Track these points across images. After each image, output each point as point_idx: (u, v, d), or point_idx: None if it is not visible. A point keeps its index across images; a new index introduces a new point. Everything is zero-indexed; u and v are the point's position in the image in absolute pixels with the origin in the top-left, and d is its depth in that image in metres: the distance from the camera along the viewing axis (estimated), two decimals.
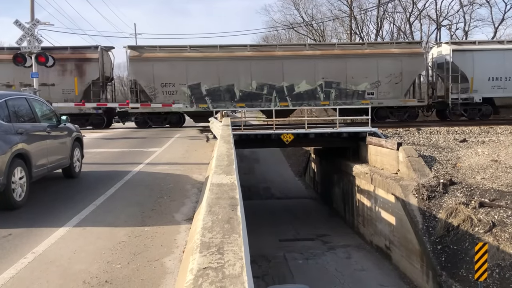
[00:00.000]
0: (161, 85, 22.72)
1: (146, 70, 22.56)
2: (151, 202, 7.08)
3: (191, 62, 22.90)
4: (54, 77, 21.89)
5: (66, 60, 22.26)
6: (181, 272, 3.97)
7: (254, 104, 23.32)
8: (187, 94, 22.86)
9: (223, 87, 23.05)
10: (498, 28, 41.07)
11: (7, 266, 4.39)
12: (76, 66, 22.68)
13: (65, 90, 22.50)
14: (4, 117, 6.61)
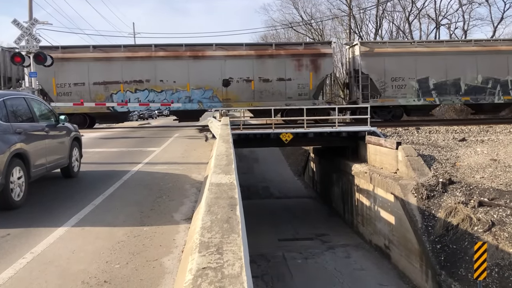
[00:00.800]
0: (391, 79, 23.43)
1: (377, 64, 23.29)
2: (150, 202, 7.07)
3: (420, 57, 23.54)
4: (291, 71, 23.00)
5: (301, 55, 23.24)
6: (180, 272, 3.96)
7: (478, 97, 23.84)
8: (415, 88, 23.49)
9: (449, 81, 23.62)
10: (497, 27, 41.12)
11: (6, 266, 4.37)
12: (311, 61, 23.38)
13: (300, 84, 23.27)
14: (3, 116, 6.59)
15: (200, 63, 22.75)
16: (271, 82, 23.06)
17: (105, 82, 22.38)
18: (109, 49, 23.27)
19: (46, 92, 21.98)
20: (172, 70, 22.54)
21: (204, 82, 22.77)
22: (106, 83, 22.41)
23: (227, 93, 23.03)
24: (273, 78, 23.04)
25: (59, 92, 22.13)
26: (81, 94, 22.13)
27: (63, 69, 21.76)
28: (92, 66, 22.29)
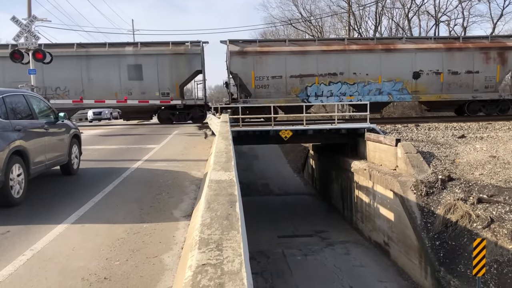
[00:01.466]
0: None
1: None
2: (149, 199, 7.07)
3: None
4: (479, 64, 23.71)
5: (488, 48, 23.87)
6: (180, 269, 3.97)
7: None
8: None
9: None
10: (496, 24, 41.06)
11: (6, 263, 4.38)
12: (498, 54, 23.87)
13: (487, 77, 23.87)
14: (2, 114, 6.59)
15: (391, 55, 23.57)
16: (459, 74, 23.76)
17: (301, 75, 23.34)
18: (304, 43, 24.62)
19: (245, 84, 22.94)
20: (365, 63, 23.39)
21: (395, 74, 23.63)
22: (301, 76, 23.37)
23: (417, 85, 23.81)
24: (461, 71, 23.73)
25: (257, 85, 23.08)
26: (277, 86, 23.15)
27: (261, 62, 22.85)
28: (289, 59, 23.18)
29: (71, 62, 22.92)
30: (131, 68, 23.32)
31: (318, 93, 23.52)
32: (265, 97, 23.13)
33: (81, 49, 23.49)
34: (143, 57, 23.45)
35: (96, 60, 23.20)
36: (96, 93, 23.09)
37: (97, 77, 23.15)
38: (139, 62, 23.39)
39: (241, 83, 23.03)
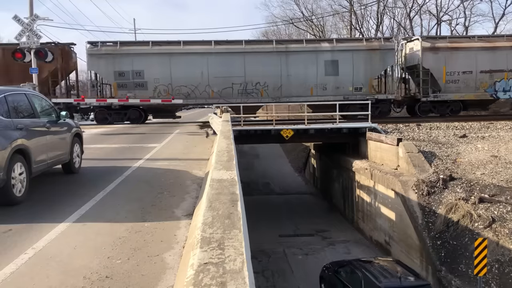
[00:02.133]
0: None
1: None
2: (151, 198, 7.07)
3: None
4: None
5: None
6: (182, 268, 3.97)
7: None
8: None
9: None
10: (498, 24, 40.99)
11: (8, 261, 4.38)
12: None
13: None
14: (4, 112, 6.59)
15: None
16: None
17: (490, 70, 23.99)
18: (493, 39, 25.34)
19: (436, 79, 23.63)
20: None
21: None
22: (491, 72, 23.99)
23: None
24: None
25: (447, 79, 23.92)
26: (467, 81, 23.98)
27: (452, 58, 23.69)
28: (479, 55, 24.00)
29: (271, 58, 23.50)
30: (328, 64, 23.78)
31: (506, 88, 24.08)
32: (455, 92, 23.91)
33: (280, 45, 24.14)
34: (339, 53, 23.92)
35: (295, 56, 23.68)
36: (293, 89, 23.67)
37: (295, 72, 23.56)
38: (336, 58, 23.85)
39: (432, 78, 23.77)
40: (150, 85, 23.20)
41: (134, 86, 23.16)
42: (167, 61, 23.16)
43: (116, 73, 23.14)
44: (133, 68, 23.10)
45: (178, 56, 23.22)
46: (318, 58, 23.64)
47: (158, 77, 23.22)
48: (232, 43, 24.08)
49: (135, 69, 23.11)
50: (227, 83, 23.40)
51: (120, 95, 22.99)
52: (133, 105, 23.10)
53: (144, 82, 23.18)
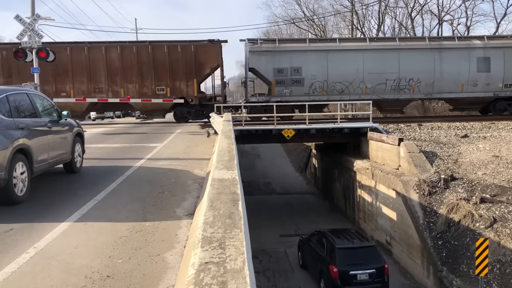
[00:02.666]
0: None
1: None
2: (152, 197, 7.08)
3: None
4: None
5: None
6: (183, 267, 3.98)
7: None
8: None
9: None
10: (500, 23, 40.89)
11: (9, 260, 4.39)
12: None
13: None
14: (5, 112, 6.60)
15: None
16: None
17: None
18: None
19: None
20: None
21: None
22: None
23: None
24: None
25: None
26: None
27: None
28: None
29: (424, 54, 23.87)
30: (480, 61, 24.02)
31: None
32: None
33: (433, 42, 24.46)
34: (491, 50, 24.19)
35: (448, 53, 24.03)
36: (445, 85, 23.98)
37: (448, 69, 23.87)
38: (487, 55, 24.10)
39: None
40: (306, 82, 23.69)
41: (291, 83, 23.66)
42: (324, 58, 23.62)
43: (275, 70, 23.56)
44: (291, 65, 23.60)
45: (334, 53, 23.71)
46: (470, 55, 24.01)
47: (315, 74, 23.65)
48: (386, 40, 25.16)
49: (293, 66, 23.59)
50: (381, 79, 23.81)
51: (278, 92, 23.54)
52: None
53: (301, 78, 23.65)
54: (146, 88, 23.42)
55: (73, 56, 23.09)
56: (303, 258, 15.18)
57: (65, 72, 23.06)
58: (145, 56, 23.38)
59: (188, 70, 23.53)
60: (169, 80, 23.47)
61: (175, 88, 23.57)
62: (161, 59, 23.38)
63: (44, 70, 20.36)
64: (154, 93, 23.43)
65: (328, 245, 13.18)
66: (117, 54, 23.30)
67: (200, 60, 23.71)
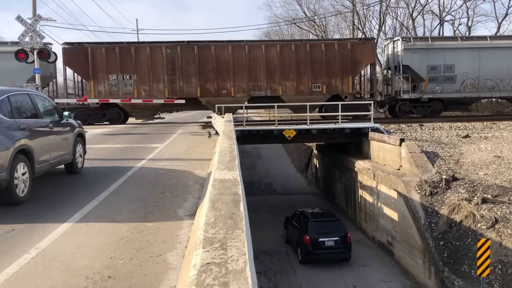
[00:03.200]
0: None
1: None
2: (153, 198, 7.08)
3: None
4: None
5: None
6: (184, 268, 3.97)
7: None
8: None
9: None
10: (501, 24, 40.85)
11: (11, 261, 4.39)
12: None
13: None
14: (7, 112, 6.60)
15: None
16: None
17: None
18: None
19: None
20: None
21: None
22: None
23: None
24: None
25: None
26: None
27: None
28: None
29: None
30: None
31: None
32: None
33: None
34: None
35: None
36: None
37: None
38: None
39: None
40: (458, 79, 24.11)
41: (444, 80, 24.11)
42: (477, 56, 24.06)
43: (428, 67, 24.02)
44: (444, 62, 24.04)
45: (487, 50, 24.15)
46: None
47: (467, 71, 24.03)
48: None
49: (447, 64, 24.05)
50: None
51: (430, 89, 24.05)
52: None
53: (453, 75, 24.10)
54: (302, 86, 23.79)
55: (234, 55, 23.49)
56: (287, 234, 18.06)
57: (226, 71, 23.46)
58: (303, 54, 23.72)
59: (344, 68, 23.84)
60: (325, 78, 23.81)
61: (330, 85, 23.93)
62: (318, 57, 23.72)
63: (206, 69, 22.69)
64: (310, 90, 23.77)
65: (303, 220, 16.14)
66: (276, 52, 23.68)
67: (355, 57, 23.99)
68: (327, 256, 15.28)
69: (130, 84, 23.10)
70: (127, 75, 23.08)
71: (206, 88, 23.31)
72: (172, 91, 23.13)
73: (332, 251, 15.24)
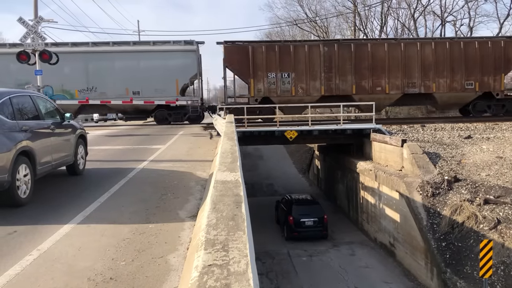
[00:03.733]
0: None
1: None
2: (155, 199, 7.08)
3: None
4: None
5: None
6: (186, 269, 3.97)
7: None
8: None
9: None
10: (503, 24, 40.79)
11: (13, 263, 4.40)
12: None
13: None
14: (9, 114, 6.61)
15: None
16: None
17: None
18: None
19: None
20: None
21: None
22: None
23: None
24: None
25: None
26: None
27: None
28: None
29: None
30: None
31: None
32: None
33: None
34: None
35: None
36: None
37: None
38: None
39: None
40: None
41: None
42: None
43: None
44: None
45: None
46: None
47: None
48: None
49: None
50: None
51: None
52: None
53: None
54: (456, 83, 23.97)
55: (390, 52, 23.67)
56: (277, 215, 21.19)
57: (381, 68, 23.63)
58: (457, 52, 23.90)
59: (497, 65, 24.02)
60: (478, 75, 23.97)
61: (483, 82, 24.08)
62: (472, 55, 23.87)
63: (362, 66, 23.09)
64: (463, 87, 23.99)
65: (289, 203, 19.30)
66: (431, 50, 23.87)
67: (508, 55, 24.17)
68: (307, 234, 18.35)
69: (288, 82, 23.36)
70: (286, 73, 23.32)
71: (361, 85, 23.51)
72: (328, 89, 23.39)
73: (311, 229, 18.38)
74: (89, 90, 23.25)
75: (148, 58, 23.49)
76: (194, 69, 23.68)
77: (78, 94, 23.22)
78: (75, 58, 22.93)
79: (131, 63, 23.37)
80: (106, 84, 23.15)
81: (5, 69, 21.98)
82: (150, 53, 23.55)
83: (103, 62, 23.31)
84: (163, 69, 23.18)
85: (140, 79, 23.10)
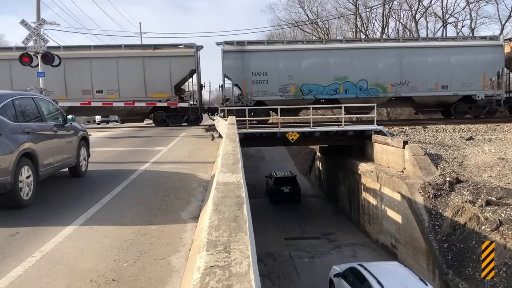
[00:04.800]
0: None
1: None
2: (157, 201, 7.09)
3: None
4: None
5: None
6: (188, 271, 3.98)
7: None
8: None
9: None
10: (505, 25, 40.78)
11: (15, 264, 4.41)
12: None
13: None
14: (11, 116, 6.64)
15: None
16: None
17: None
18: None
19: None
20: None
21: None
22: None
23: None
24: None
25: None
26: None
27: None
28: None
29: None
30: None
31: None
32: None
33: None
34: None
35: None
36: None
37: None
38: None
39: None
40: None
41: None
42: None
43: None
44: None
45: None
46: None
47: None
48: None
49: None
50: None
51: None
52: None
53: None
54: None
55: None
56: (266, 187, 28.01)
57: None
58: None
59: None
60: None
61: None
62: None
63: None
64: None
65: (273, 177, 26.15)
66: None
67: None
68: (284, 197, 25.06)
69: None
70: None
71: None
72: None
73: (288, 194, 25.11)
74: (401, 84, 23.94)
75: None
76: None
77: (390, 88, 24.04)
78: (390, 54, 23.97)
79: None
80: (416, 78, 23.83)
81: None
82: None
83: (414, 57, 23.99)
84: None
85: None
